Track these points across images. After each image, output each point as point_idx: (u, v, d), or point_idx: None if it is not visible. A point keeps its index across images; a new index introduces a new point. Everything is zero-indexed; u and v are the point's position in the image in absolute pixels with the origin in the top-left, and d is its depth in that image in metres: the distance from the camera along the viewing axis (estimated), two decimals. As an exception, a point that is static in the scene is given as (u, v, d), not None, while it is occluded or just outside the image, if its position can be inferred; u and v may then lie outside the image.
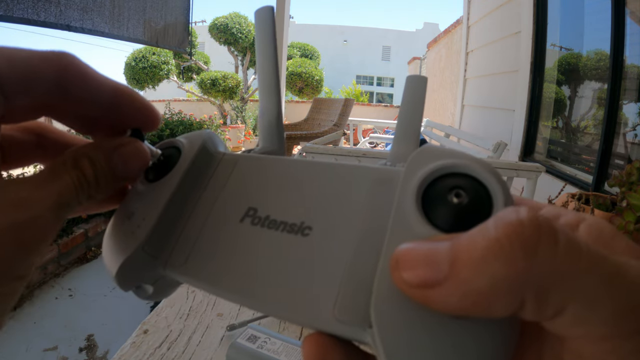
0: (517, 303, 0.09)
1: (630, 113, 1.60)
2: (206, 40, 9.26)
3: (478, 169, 0.12)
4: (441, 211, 0.12)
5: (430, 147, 0.14)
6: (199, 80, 7.31)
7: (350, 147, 3.05)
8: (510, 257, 0.09)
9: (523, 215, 0.10)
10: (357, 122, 4.75)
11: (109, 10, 2.36)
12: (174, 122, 3.67)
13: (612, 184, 0.60)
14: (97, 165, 0.16)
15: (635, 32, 1.55)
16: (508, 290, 0.09)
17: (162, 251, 0.16)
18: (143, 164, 0.17)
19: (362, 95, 11.70)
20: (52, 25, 1.98)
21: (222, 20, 7.24)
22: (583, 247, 0.09)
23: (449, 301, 0.10)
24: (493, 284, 0.09)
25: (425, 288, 0.10)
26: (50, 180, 0.14)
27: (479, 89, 3.25)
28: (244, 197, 0.16)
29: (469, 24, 3.53)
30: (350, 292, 0.12)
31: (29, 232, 0.13)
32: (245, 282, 0.14)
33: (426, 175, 0.13)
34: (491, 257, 0.09)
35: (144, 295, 0.18)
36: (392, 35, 20.97)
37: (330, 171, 0.16)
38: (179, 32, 3.01)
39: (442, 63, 5.38)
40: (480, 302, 0.09)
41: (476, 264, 0.09)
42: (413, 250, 0.11)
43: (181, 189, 0.17)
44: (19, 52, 0.14)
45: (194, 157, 0.18)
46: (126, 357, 0.43)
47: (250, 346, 0.41)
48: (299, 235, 0.14)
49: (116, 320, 1.69)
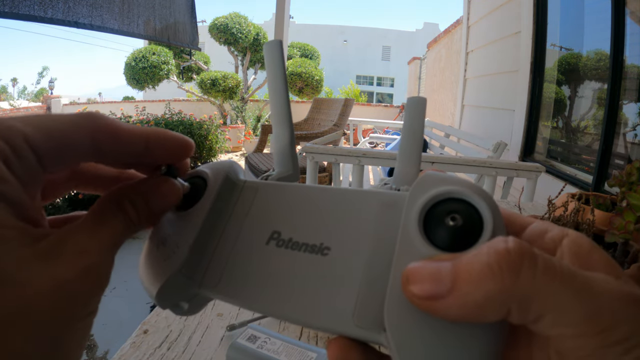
0: (504, 311, 0.12)
1: (630, 113, 1.60)
2: (206, 40, 9.26)
3: (470, 194, 0.15)
4: (440, 233, 0.15)
5: (430, 174, 0.16)
6: (199, 80, 7.30)
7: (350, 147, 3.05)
8: (499, 277, 0.12)
9: (510, 245, 0.13)
10: (357, 122, 4.75)
11: (118, 6, 2.32)
12: (174, 122, 3.67)
13: (612, 184, 0.60)
14: (139, 207, 0.18)
15: (635, 32, 1.55)
16: (498, 302, 0.12)
17: (196, 273, 0.18)
18: (177, 200, 0.19)
19: (360, 95, 11.70)
20: (60, 22, 1.94)
21: (222, 20, 7.24)
22: (557, 267, 0.12)
23: (450, 310, 0.12)
24: (487, 297, 0.12)
25: (431, 300, 0.13)
26: (101, 226, 0.16)
27: (479, 89, 3.25)
28: (267, 222, 0.18)
29: (469, 24, 3.53)
30: (366, 302, 0.15)
31: (94, 274, 0.15)
32: (275, 298, 0.16)
33: (426, 202, 0.15)
34: (485, 277, 0.12)
35: (180, 311, 0.19)
36: (392, 35, 20.97)
37: (343, 196, 0.18)
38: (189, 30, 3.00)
39: (442, 63, 5.38)
40: (476, 310, 0.12)
41: (474, 281, 0.12)
42: (421, 269, 0.13)
43: (210, 217, 0.19)
44: (52, 121, 0.15)
45: (219, 187, 0.20)
46: (126, 357, 0.43)
47: (250, 346, 0.41)
48: (319, 255, 0.16)
49: (116, 320, 1.69)
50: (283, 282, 0.16)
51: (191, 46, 3.10)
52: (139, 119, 3.66)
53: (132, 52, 7.29)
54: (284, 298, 0.16)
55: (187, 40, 2.99)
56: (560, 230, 0.15)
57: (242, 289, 0.17)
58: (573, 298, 0.12)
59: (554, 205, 0.60)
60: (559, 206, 0.65)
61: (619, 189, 0.58)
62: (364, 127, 5.95)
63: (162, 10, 2.69)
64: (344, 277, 0.16)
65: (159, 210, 0.19)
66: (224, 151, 5.27)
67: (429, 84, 6.39)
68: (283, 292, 0.16)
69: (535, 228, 0.16)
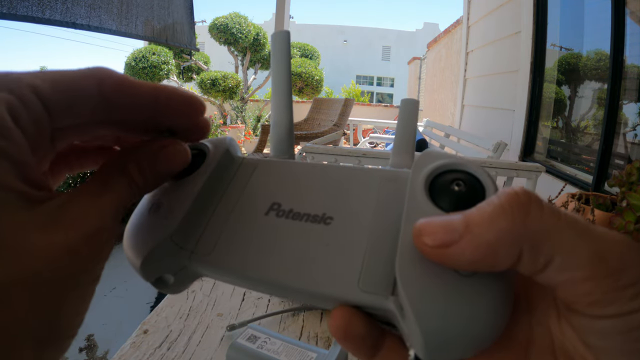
0: (516, 253, 0.12)
1: (630, 113, 1.60)
2: (206, 40, 9.26)
3: (472, 166, 0.16)
4: (445, 197, 0.15)
5: (432, 150, 0.17)
6: (199, 80, 7.30)
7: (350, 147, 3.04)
8: (510, 215, 0.12)
9: (518, 189, 0.13)
10: (357, 122, 4.75)
11: (116, 7, 2.31)
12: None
13: (612, 184, 0.60)
14: (144, 169, 0.17)
15: (635, 32, 1.55)
16: (510, 241, 0.12)
17: (188, 242, 0.17)
18: (185, 162, 0.19)
19: (362, 95, 11.69)
20: (58, 23, 1.92)
21: (222, 20, 7.24)
22: (561, 210, 0.13)
23: (463, 256, 0.12)
24: (499, 236, 0.12)
25: (443, 247, 0.13)
26: (104, 190, 0.16)
27: (479, 89, 3.25)
28: (267, 194, 0.18)
29: (469, 24, 3.53)
30: (373, 267, 0.15)
31: (97, 239, 0.15)
32: (273, 266, 0.16)
33: (432, 170, 0.16)
34: (497, 216, 0.12)
35: (163, 286, 0.18)
36: (392, 35, 20.97)
37: (344, 172, 0.18)
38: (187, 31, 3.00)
39: (442, 63, 5.38)
40: (489, 252, 0.12)
41: (486, 221, 0.12)
42: (432, 221, 0.14)
43: (208, 186, 0.19)
44: (60, 73, 0.15)
45: (219, 158, 0.19)
46: (126, 357, 0.43)
47: (250, 346, 0.41)
48: (322, 224, 0.16)
49: (116, 320, 1.69)
50: (283, 250, 0.16)
51: (189, 47, 3.10)
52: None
53: (132, 52, 7.29)
54: (284, 266, 0.15)
55: (185, 41, 2.99)
56: None
57: (237, 258, 0.16)
58: (578, 238, 0.12)
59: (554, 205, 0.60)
60: (559, 206, 0.65)
61: (619, 189, 0.58)
62: (364, 127, 5.95)
63: (160, 11, 2.69)
64: (348, 244, 0.15)
65: (165, 173, 0.18)
66: (224, 151, 5.25)
67: (429, 84, 6.38)
68: (283, 260, 0.16)
69: None
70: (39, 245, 0.13)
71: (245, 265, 0.16)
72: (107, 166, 0.17)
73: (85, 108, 0.16)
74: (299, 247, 0.16)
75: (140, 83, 0.17)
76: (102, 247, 0.15)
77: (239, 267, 0.16)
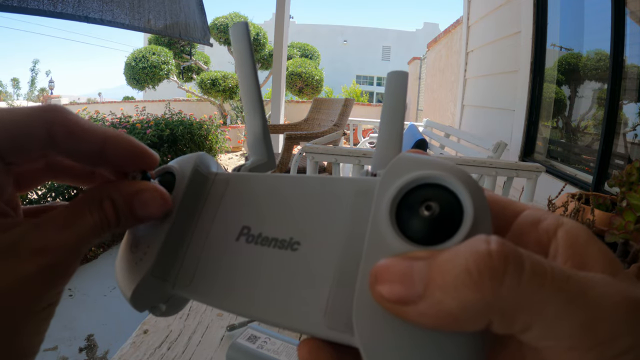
0: (484, 323, 0.11)
1: (630, 113, 1.60)
2: (206, 40, 9.26)
3: (448, 178, 0.13)
4: (414, 224, 0.13)
5: (404, 157, 0.14)
6: (199, 80, 7.30)
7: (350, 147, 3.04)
8: (478, 285, 0.10)
9: (492, 247, 0.11)
10: (357, 122, 4.74)
11: (129, 1, 2.29)
12: (174, 122, 3.67)
13: (612, 184, 0.60)
14: (119, 208, 0.17)
15: (635, 32, 1.55)
16: (476, 313, 0.10)
17: (169, 273, 0.18)
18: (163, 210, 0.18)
19: (362, 96, 11.69)
20: (70, 16, 1.90)
21: (222, 20, 7.24)
22: (548, 271, 0.11)
23: (422, 318, 0.11)
24: (463, 307, 0.10)
25: (400, 304, 0.11)
26: (71, 222, 0.16)
27: (479, 89, 3.25)
28: (237, 217, 0.18)
29: (469, 24, 3.53)
30: (338, 301, 0.14)
31: (54, 271, 0.15)
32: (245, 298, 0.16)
33: (398, 189, 0.13)
34: (461, 283, 0.10)
35: (159, 313, 0.19)
36: (392, 35, 20.96)
37: (316, 185, 0.17)
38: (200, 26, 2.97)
39: (442, 63, 5.38)
40: (451, 321, 0.11)
41: (449, 288, 0.11)
42: (390, 267, 0.12)
43: (180, 215, 0.18)
44: (9, 115, 0.15)
45: (188, 182, 0.19)
46: (126, 357, 0.43)
47: (250, 346, 0.41)
48: (289, 250, 0.16)
49: (116, 320, 1.69)
50: (252, 280, 0.16)
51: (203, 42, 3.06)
52: (138, 119, 3.66)
53: (132, 52, 7.29)
54: (253, 297, 0.15)
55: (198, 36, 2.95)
56: (555, 220, 0.14)
57: (213, 288, 0.17)
58: (566, 306, 0.10)
59: (554, 205, 0.60)
60: (559, 206, 0.65)
61: (619, 189, 0.58)
62: (364, 127, 5.94)
63: (172, 6, 2.66)
64: (315, 274, 0.15)
65: (141, 216, 0.18)
66: (224, 151, 5.27)
67: (429, 84, 6.38)
68: (252, 292, 0.16)
69: (527, 216, 0.15)
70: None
71: (220, 298, 0.16)
72: (82, 198, 0.17)
73: (35, 148, 0.16)
74: (268, 279, 0.15)
75: (90, 127, 0.17)
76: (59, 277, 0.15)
77: (215, 300, 0.16)
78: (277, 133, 3.79)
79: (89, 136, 0.17)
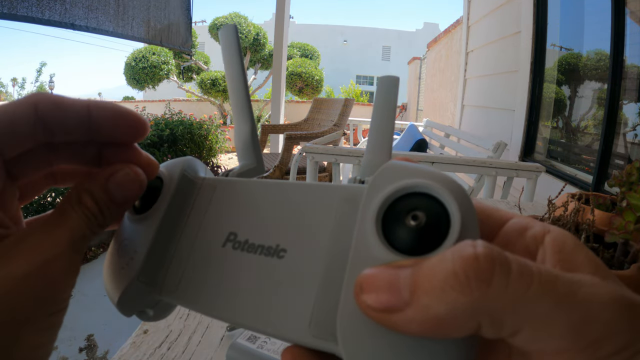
0: (473, 327, 0.11)
1: (630, 113, 1.60)
2: (206, 40, 9.25)
3: (436, 187, 0.13)
4: (400, 234, 0.13)
5: (391, 165, 0.14)
6: (199, 80, 7.31)
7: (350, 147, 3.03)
8: (466, 288, 0.10)
9: (479, 250, 0.11)
10: (357, 122, 4.75)
11: (113, 8, 2.33)
12: (174, 122, 3.67)
13: (612, 184, 0.60)
14: (97, 197, 0.17)
15: (635, 32, 1.55)
16: (464, 316, 0.10)
17: (155, 279, 0.18)
18: (138, 188, 0.18)
19: (361, 96, 11.69)
20: (57, 23, 1.96)
21: (222, 20, 7.24)
22: (535, 272, 0.11)
23: (409, 325, 0.11)
24: (450, 311, 0.10)
25: (387, 312, 0.11)
26: (59, 221, 0.16)
27: (479, 89, 3.25)
28: (224, 222, 0.18)
29: (469, 24, 3.53)
30: (323, 310, 0.14)
31: (51, 272, 0.15)
32: (230, 305, 0.16)
33: (384, 199, 0.13)
34: (449, 287, 0.10)
35: (146, 317, 0.19)
36: (392, 35, 20.96)
37: (304, 191, 0.16)
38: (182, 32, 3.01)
39: (442, 63, 5.38)
40: (438, 326, 0.11)
41: (435, 292, 0.10)
42: (376, 276, 0.12)
43: (166, 220, 0.18)
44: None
45: (175, 186, 0.19)
46: (126, 357, 0.43)
47: (250, 346, 0.41)
48: (275, 257, 0.15)
49: (116, 320, 1.69)
50: (238, 288, 0.16)
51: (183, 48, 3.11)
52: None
53: (132, 52, 7.29)
54: (238, 305, 0.15)
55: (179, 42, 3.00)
56: (541, 227, 0.14)
57: (199, 295, 0.17)
58: (555, 307, 0.10)
59: (554, 205, 0.60)
60: (559, 206, 0.64)
61: (619, 189, 0.58)
62: (364, 127, 5.94)
63: (156, 12, 2.70)
64: (300, 282, 0.14)
65: (120, 200, 0.17)
66: (224, 151, 5.27)
67: (429, 84, 6.38)
68: (238, 299, 0.16)
69: (514, 224, 0.15)
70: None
71: (206, 305, 0.16)
72: (66, 197, 0.17)
73: (24, 131, 0.16)
74: (254, 287, 0.15)
75: (74, 100, 0.17)
76: (57, 277, 0.15)
77: (201, 307, 0.16)
78: (277, 133, 3.79)
79: (73, 106, 0.17)
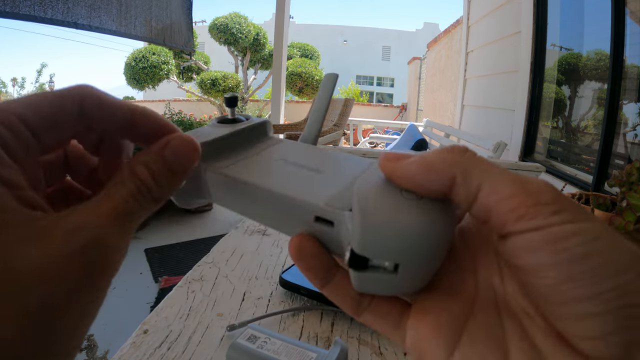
0: (451, 177, 0.15)
1: (630, 113, 1.60)
2: (206, 40, 9.24)
3: None
4: None
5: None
6: (199, 80, 7.31)
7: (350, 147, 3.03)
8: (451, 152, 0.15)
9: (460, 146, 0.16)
10: (357, 122, 4.75)
11: (116, 7, 2.34)
12: (174, 122, 3.66)
13: (612, 184, 0.60)
14: (154, 167, 0.17)
15: (635, 32, 1.55)
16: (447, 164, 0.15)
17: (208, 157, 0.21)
18: (194, 153, 0.18)
19: (361, 95, 11.69)
20: (59, 22, 1.97)
21: (222, 20, 7.24)
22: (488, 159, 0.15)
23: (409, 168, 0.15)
24: (440, 160, 0.15)
25: (396, 161, 0.16)
26: (105, 198, 0.16)
27: (479, 89, 3.25)
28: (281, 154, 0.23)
29: (469, 24, 3.53)
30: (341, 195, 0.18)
31: (96, 251, 0.14)
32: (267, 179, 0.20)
33: None
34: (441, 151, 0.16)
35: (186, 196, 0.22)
36: (392, 35, 20.96)
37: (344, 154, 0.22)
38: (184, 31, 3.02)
39: (442, 63, 5.37)
40: (429, 169, 0.15)
41: (434, 152, 0.15)
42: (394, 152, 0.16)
43: (240, 133, 0.24)
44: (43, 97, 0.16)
45: (255, 123, 0.25)
46: (126, 357, 0.43)
47: (250, 346, 0.41)
48: (315, 172, 0.20)
49: (116, 320, 1.69)
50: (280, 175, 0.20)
51: (185, 47, 3.12)
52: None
53: (132, 52, 7.29)
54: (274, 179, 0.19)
55: (182, 42, 3.01)
56: None
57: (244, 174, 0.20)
58: (504, 172, 0.15)
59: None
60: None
61: (619, 189, 0.58)
62: (364, 127, 5.94)
63: (159, 12, 2.71)
64: (331, 184, 0.19)
65: (178, 167, 0.17)
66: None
67: (429, 84, 6.38)
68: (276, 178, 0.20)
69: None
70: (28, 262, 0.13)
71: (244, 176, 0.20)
72: (116, 175, 0.17)
73: (67, 125, 0.17)
74: (292, 177, 0.20)
75: (118, 101, 0.18)
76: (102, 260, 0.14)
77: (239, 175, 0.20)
78: (278, 133, 3.80)
79: (117, 108, 0.18)
